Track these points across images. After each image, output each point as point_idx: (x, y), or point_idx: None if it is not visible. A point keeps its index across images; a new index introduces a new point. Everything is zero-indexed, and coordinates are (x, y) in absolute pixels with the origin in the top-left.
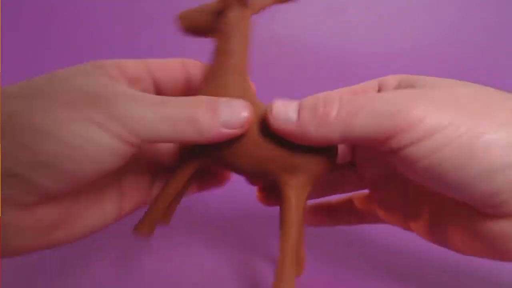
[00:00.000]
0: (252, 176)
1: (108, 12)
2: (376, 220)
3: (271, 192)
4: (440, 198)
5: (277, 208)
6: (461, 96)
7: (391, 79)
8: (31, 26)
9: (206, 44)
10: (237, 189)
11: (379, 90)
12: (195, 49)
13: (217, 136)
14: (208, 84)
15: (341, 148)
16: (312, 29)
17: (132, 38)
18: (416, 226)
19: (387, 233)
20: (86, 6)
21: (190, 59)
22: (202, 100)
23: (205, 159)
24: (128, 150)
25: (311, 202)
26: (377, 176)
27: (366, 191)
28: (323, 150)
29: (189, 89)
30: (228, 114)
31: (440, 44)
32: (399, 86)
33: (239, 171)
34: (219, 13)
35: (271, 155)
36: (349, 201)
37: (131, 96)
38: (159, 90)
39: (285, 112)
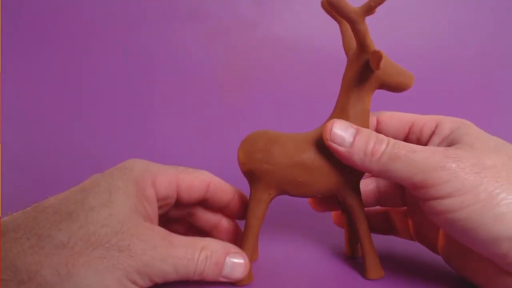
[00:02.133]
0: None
1: (108, 12)
2: (407, 236)
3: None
4: None
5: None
6: (489, 166)
7: (447, 126)
8: (31, 26)
9: (203, 45)
10: None
11: (435, 130)
12: (193, 46)
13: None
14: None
15: None
16: (312, 29)
17: (131, 38)
18: (443, 253)
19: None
20: (86, 6)
21: (217, 179)
22: (213, 256)
23: (276, 195)
24: None
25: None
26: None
27: (405, 208)
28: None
29: (205, 200)
30: (229, 270)
31: (440, 44)
32: (449, 138)
33: (304, 197)
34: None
35: (329, 186)
36: (386, 213)
37: (147, 247)
38: (179, 201)
39: (342, 136)
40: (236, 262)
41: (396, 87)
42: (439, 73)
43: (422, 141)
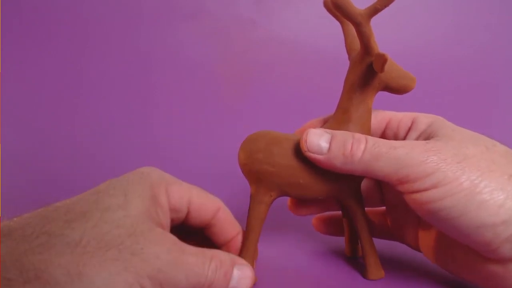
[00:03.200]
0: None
1: (107, 12)
2: (387, 236)
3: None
4: None
5: None
6: (470, 156)
7: (423, 121)
8: (30, 27)
9: (203, 45)
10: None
11: (411, 126)
12: (193, 46)
13: None
14: (336, 123)
15: None
16: (312, 29)
17: (131, 38)
18: (424, 248)
19: None
20: (85, 6)
21: (227, 210)
22: (223, 266)
23: (277, 196)
24: None
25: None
26: (398, 198)
27: (383, 208)
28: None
29: (210, 226)
30: (235, 281)
31: (440, 44)
32: (425, 132)
33: (305, 199)
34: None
35: (330, 188)
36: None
37: (161, 252)
38: (187, 219)
39: (318, 144)
40: (243, 274)
41: (398, 89)
42: (439, 73)
43: (399, 137)
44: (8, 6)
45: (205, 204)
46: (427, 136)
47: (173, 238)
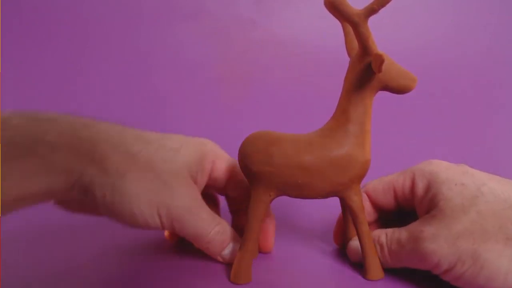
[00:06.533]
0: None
1: (107, 13)
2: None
3: None
4: None
5: None
6: (461, 232)
7: (419, 186)
8: (30, 27)
9: (203, 45)
10: None
11: (413, 190)
12: (193, 46)
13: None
14: (330, 134)
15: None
16: (312, 29)
17: (131, 39)
18: None
19: None
20: (85, 6)
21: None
22: (224, 234)
23: (276, 196)
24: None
25: None
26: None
27: None
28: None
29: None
30: (228, 252)
31: (440, 44)
32: (425, 199)
33: (304, 198)
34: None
35: (329, 188)
36: None
37: (186, 196)
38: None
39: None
40: (236, 249)
41: (398, 89)
42: (439, 73)
43: (409, 200)
44: (8, 6)
45: (242, 181)
46: (427, 203)
47: (198, 194)
